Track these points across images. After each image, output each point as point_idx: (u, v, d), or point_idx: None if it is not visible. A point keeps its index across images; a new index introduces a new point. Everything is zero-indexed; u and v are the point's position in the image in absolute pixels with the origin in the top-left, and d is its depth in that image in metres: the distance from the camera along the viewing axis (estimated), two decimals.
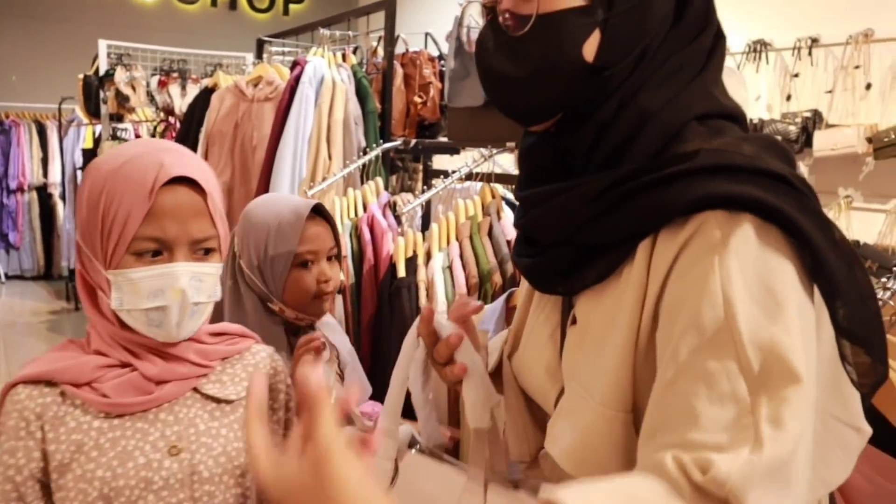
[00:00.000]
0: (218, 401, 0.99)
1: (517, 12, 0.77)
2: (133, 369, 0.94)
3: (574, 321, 0.80)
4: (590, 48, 0.75)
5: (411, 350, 0.94)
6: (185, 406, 0.97)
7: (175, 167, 0.92)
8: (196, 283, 0.93)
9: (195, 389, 0.98)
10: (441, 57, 3.15)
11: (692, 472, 0.59)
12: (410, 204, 2.09)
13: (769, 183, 0.67)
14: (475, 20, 0.83)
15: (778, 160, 0.71)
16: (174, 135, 4.44)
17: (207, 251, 0.96)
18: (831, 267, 0.66)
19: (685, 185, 0.68)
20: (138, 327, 0.93)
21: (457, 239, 1.95)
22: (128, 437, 0.93)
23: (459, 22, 0.87)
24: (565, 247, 0.77)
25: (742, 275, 0.63)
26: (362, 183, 2.50)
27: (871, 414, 1.04)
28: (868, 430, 0.78)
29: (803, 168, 4.38)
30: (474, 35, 0.89)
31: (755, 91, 4.59)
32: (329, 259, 1.48)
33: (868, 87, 4.18)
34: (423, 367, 0.94)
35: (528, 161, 0.85)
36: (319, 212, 1.47)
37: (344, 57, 3.04)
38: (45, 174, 7.31)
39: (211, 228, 0.95)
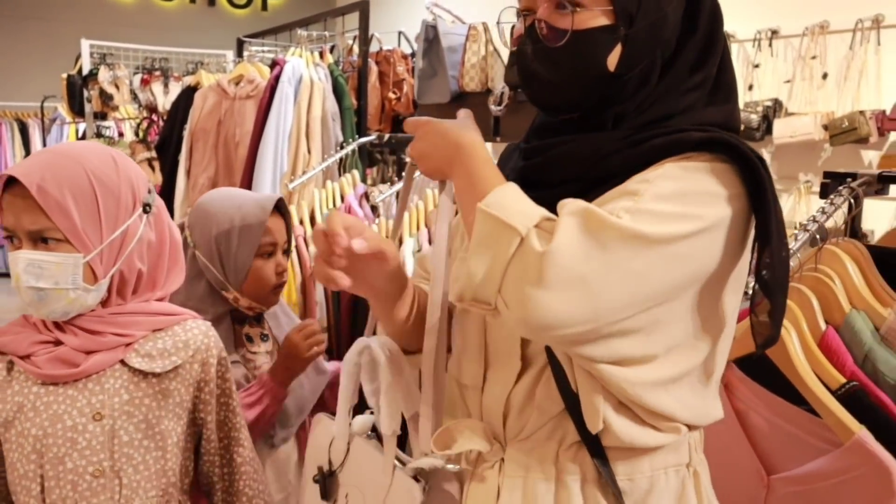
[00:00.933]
0: (144, 374, 1.12)
1: (554, 25, 0.90)
2: (61, 344, 1.08)
3: None
4: (613, 59, 0.90)
5: (359, 347, 1.04)
6: (113, 377, 1.10)
7: (10, 170, 1.05)
8: (35, 269, 1.03)
9: (122, 362, 1.11)
10: (414, 55, 3.31)
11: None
12: (383, 194, 2.24)
13: (748, 148, 0.86)
14: (507, 20, 0.98)
15: None
16: (157, 132, 4.55)
17: (47, 240, 1.04)
18: (771, 222, 0.85)
19: (687, 134, 0.87)
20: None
21: (426, 226, 2.12)
22: (59, 402, 1.08)
23: (497, 20, 1.02)
24: (574, 183, 0.91)
25: (677, 178, 0.84)
26: (340, 175, 2.65)
27: (767, 365, 1.23)
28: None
29: (766, 155, 4.56)
30: (506, 33, 1.04)
31: None
32: (284, 252, 1.56)
33: (824, 76, 4.31)
34: (370, 365, 1.03)
35: (546, 130, 0.99)
36: (277, 206, 1.53)
37: (322, 55, 3.19)
38: None
39: (45, 221, 1.03)
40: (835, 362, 1.21)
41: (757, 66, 4.58)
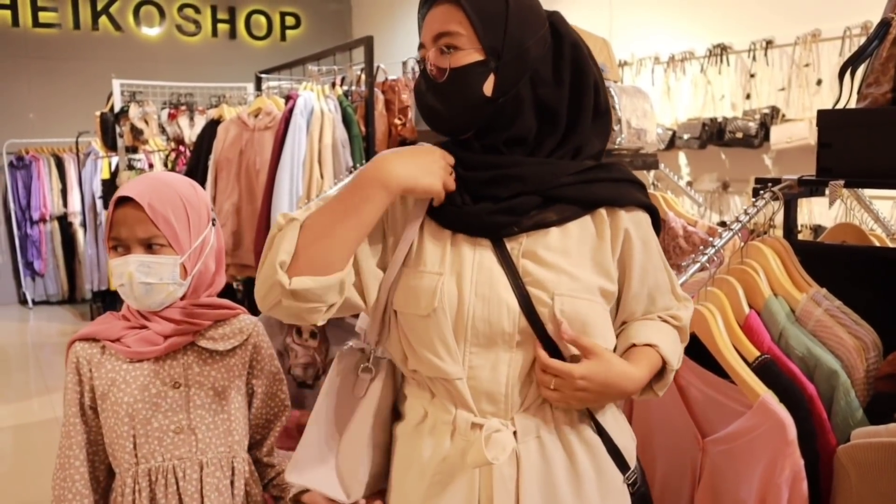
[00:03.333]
0: (210, 352, 1.41)
1: (438, 65, 1.12)
2: (146, 329, 1.37)
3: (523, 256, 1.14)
4: (488, 87, 1.11)
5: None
6: (186, 355, 1.40)
7: (122, 192, 1.33)
8: (144, 268, 1.32)
9: (193, 344, 1.40)
10: None
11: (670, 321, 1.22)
12: None
13: (645, 191, 1.22)
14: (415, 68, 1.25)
15: None
16: (185, 162, 4.84)
17: (152, 246, 1.33)
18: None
19: (627, 188, 1.18)
20: (124, 298, 1.36)
21: None
22: (144, 375, 1.37)
23: (403, 71, 1.32)
24: (532, 195, 1.13)
25: (653, 240, 1.21)
26: None
27: (703, 347, 1.44)
28: None
29: (767, 160, 4.72)
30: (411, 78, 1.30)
31: (719, 91, 4.93)
32: None
33: (819, 82, 4.45)
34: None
35: (467, 158, 1.16)
36: None
37: (333, 85, 3.46)
38: (65, 204, 7.67)
39: (154, 230, 1.32)
40: (755, 340, 1.42)
41: (753, 75, 4.73)
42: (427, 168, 1.11)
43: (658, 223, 1.22)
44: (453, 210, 1.15)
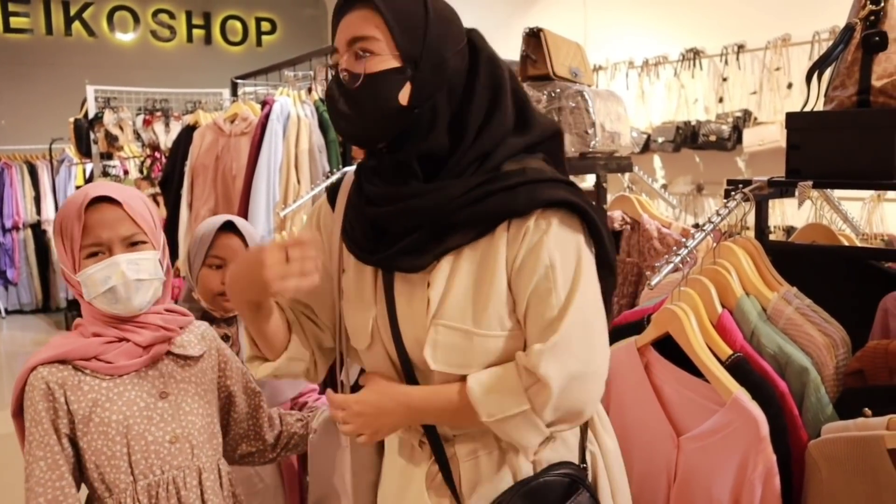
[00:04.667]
0: (186, 357, 1.40)
1: (352, 71, 1.07)
2: (126, 341, 1.33)
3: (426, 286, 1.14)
4: (404, 95, 1.07)
5: None
6: (164, 365, 1.38)
7: (92, 193, 1.30)
8: (133, 265, 1.30)
9: (169, 353, 1.38)
10: None
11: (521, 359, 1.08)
12: None
13: (566, 187, 1.11)
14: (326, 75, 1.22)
15: (561, 173, 1.15)
16: (160, 168, 4.81)
17: (136, 243, 1.32)
18: (605, 241, 1.13)
19: (526, 191, 1.08)
20: (104, 308, 1.32)
21: None
22: (129, 389, 1.33)
23: (325, 77, 1.29)
24: (426, 230, 1.09)
25: (557, 250, 1.07)
26: None
27: (677, 346, 1.47)
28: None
29: (740, 163, 4.78)
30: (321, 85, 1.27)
31: (693, 95, 4.99)
32: None
33: (789, 86, 4.52)
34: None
35: (374, 176, 1.15)
36: (235, 228, 1.77)
37: (310, 90, 3.45)
38: (39, 211, 7.60)
39: (134, 227, 1.31)
40: (727, 339, 1.45)
41: (725, 79, 4.79)
42: (254, 282, 1.10)
43: (590, 219, 1.10)
44: (358, 255, 1.19)
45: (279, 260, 1.07)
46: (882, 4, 1.54)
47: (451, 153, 1.11)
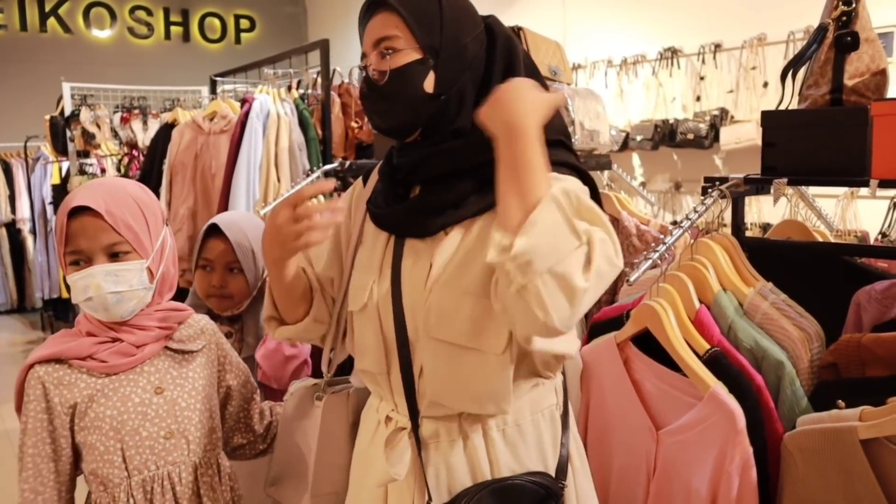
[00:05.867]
0: (183, 352, 1.40)
1: (379, 69, 1.16)
2: (120, 341, 1.33)
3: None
4: (429, 83, 1.16)
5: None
6: (161, 360, 1.38)
7: (74, 202, 1.28)
8: (112, 277, 1.28)
9: (166, 348, 1.38)
10: None
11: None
12: None
13: (571, 154, 1.18)
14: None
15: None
16: (138, 167, 4.77)
17: (117, 254, 1.29)
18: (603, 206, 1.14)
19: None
20: (90, 313, 1.33)
21: None
22: (125, 386, 1.33)
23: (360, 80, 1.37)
24: (449, 180, 1.15)
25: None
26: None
27: (655, 341, 1.49)
28: None
29: (717, 160, 4.83)
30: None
31: (671, 93, 5.04)
32: (231, 270, 1.79)
33: (765, 85, 4.58)
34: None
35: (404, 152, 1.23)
36: (220, 231, 1.80)
37: (290, 88, 3.45)
38: (14, 210, 7.48)
39: (116, 236, 1.29)
40: (705, 333, 1.47)
41: (703, 78, 4.83)
42: (280, 238, 1.18)
43: (592, 183, 1.17)
44: (374, 214, 1.26)
45: (287, 219, 1.17)
46: (854, 5, 1.57)
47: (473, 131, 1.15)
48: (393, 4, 1.15)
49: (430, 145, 1.19)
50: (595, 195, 1.16)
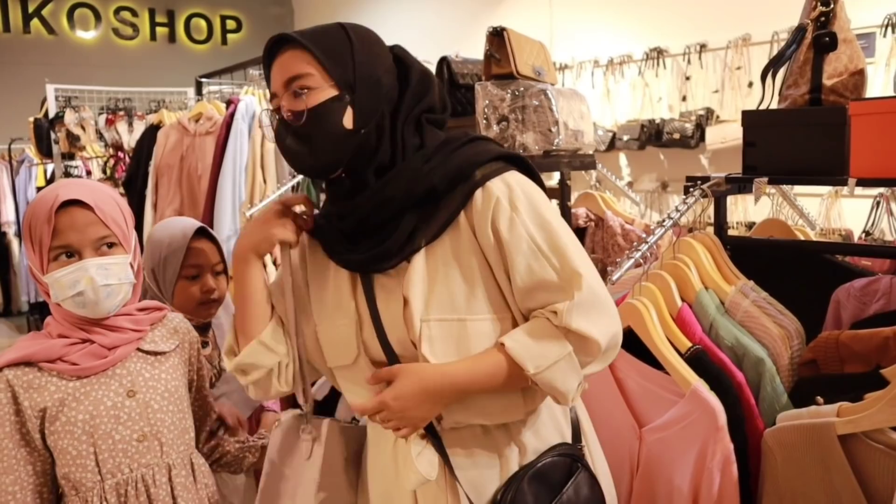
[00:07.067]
0: (155, 354, 1.40)
1: (294, 109, 1.12)
2: (91, 343, 1.32)
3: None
4: (348, 119, 1.13)
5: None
6: (133, 362, 1.37)
7: (61, 196, 1.28)
8: (103, 270, 1.28)
9: (138, 349, 1.38)
10: None
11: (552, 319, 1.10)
12: None
13: (496, 145, 1.19)
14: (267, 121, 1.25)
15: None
16: (124, 169, 4.74)
17: (110, 245, 1.30)
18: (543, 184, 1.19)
19: (481, 144, 1.17)
20: (73, 310, 1.31)
21: None
22: (96, 389, 1.32)
23: (260, 124, 1.35)
24: (405, 214, 1.14)
25: (526, 214, 1.13)
26: None
27: (638, 340, 1.50)
28: None
29: (703, 160, 4.86)
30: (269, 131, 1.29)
31: (657, 93, 5.06)
32: (216, 273, 1.74)
33: (750, 85, 4.61)
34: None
35: (337, 198, 1.22)
36: (206, 233, 1.74)
37: None
38: None
39: (105, 230, 1.29)
40: (687, 331, 1.48)
41: (688, 78, 4.85)
42: (267, 225, 1.20)
43: (528, 166, 1.20)
44: (338, 259, 1.23)
45: (281, 209, 1.21)
46: (832, 6, 1.59)
47: (394, 159, 1.17)
48: (301, 41, 1.11)
49: (356, 180, 1.17)
50: (533, 176, 1.19)
